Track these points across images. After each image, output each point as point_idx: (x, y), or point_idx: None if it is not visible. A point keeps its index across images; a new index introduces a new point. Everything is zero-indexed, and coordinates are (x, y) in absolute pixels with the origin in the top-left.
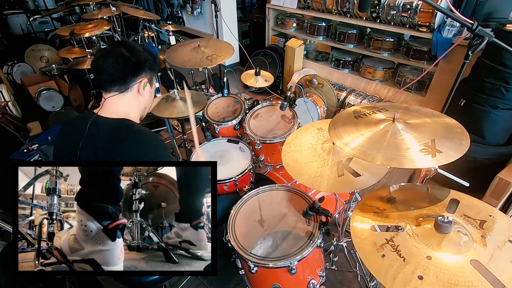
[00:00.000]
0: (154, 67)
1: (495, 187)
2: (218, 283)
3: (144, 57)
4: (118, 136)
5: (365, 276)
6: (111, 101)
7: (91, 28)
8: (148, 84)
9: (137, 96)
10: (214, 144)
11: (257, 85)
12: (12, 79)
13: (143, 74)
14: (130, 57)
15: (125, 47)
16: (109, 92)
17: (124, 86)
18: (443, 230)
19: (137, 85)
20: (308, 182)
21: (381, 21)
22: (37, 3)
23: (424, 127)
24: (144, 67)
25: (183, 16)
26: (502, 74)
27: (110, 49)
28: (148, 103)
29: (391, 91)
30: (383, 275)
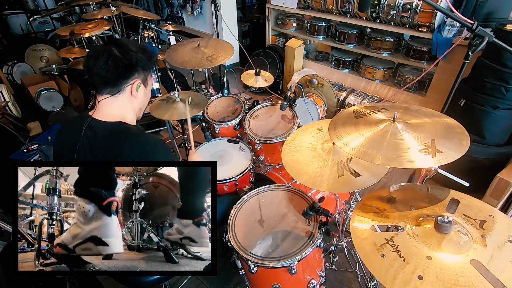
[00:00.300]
0: (147, 66)
1: (495, 187)
2: (218, 283)
3: (136, 57)
4: (116, 140)
5: (365, 276)
6: (105, 104)
7: (91, 28)
8: (142, 85)
9: (130, 98)
10: (214, 144)
11: (257, 85)
12: (12, 79)
13: (135, 75)
14: (121, 58)
15: (116, 47)
16: (102, 94)
17: (116, 89)
18: (443, 230)
19: (129, 87)
20: (308, 182)
21: (381, 21)
22: (37, 3)
23: (424, 127)
24: (136, 68)
25: (183, 16)
26: (502, 74)
27: (100, 49)
28: (143, 104)
29: (391, 91)
30: (383, 275)
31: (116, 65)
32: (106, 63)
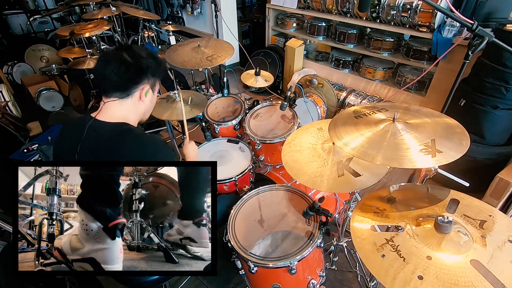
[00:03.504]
0: (157, 73)
1: (495, 187)
2: (218, 283)
3: (147, 63)
4: (118, 141)
5: (365, 276)
6: (110, 105)
7: (91, 28)
8: (150, 91)
9: (138, 102)
10: (214, 144)
11: (257, 85)
12: (12, 79)
13: (145, 81)
14: (132, 64)
15: (128, 52)
16: (109, 97)
17: (126, 93)
18: (443, 230)
19: (138, 92)
20: (308, 182)
21: (381, 21)
22: (37, 3)
23: (424, 127)
24: (146, 74)
25: (183, 16)
26: (502, 74)
27: (112, 54)
28: (149, 109)
29: (391, 91)
30: (383, 275)
31: (127, 70)
32: (118, 69)
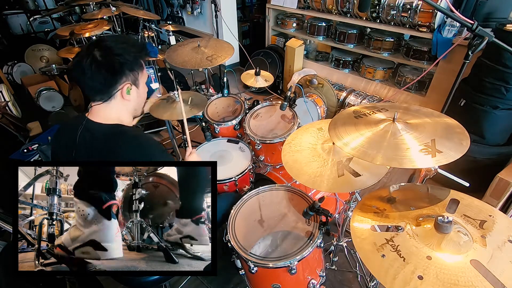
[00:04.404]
0: (135, 66)
1: (495, 187)
2: (218, 283)
3: (120, 61)
4: (112, 143)
5: (365, 276)
6: (98, 108)
7: (91, 28)
8: (133, 87)
9: (123, 101)
10: (214, 144)
11: (257, 85)
12: (12, 79)
13: (123, 79)
14: (103, 64)
15: (99, 50)
16: (94, 100)
17: (106, 95)
18: (443, 230)
19: (119, 92)
20: (308, 182)
21: (381, 21)
22: (37, 3)
23: (424, 127)
24: (123, 72)
25: (183, 16)
26: (502, 74)
27: (84, 54)
28: (138, 104)
29: (391, 91)
30: (383, 275)
31: (99, 73)
32: (90, 71)
